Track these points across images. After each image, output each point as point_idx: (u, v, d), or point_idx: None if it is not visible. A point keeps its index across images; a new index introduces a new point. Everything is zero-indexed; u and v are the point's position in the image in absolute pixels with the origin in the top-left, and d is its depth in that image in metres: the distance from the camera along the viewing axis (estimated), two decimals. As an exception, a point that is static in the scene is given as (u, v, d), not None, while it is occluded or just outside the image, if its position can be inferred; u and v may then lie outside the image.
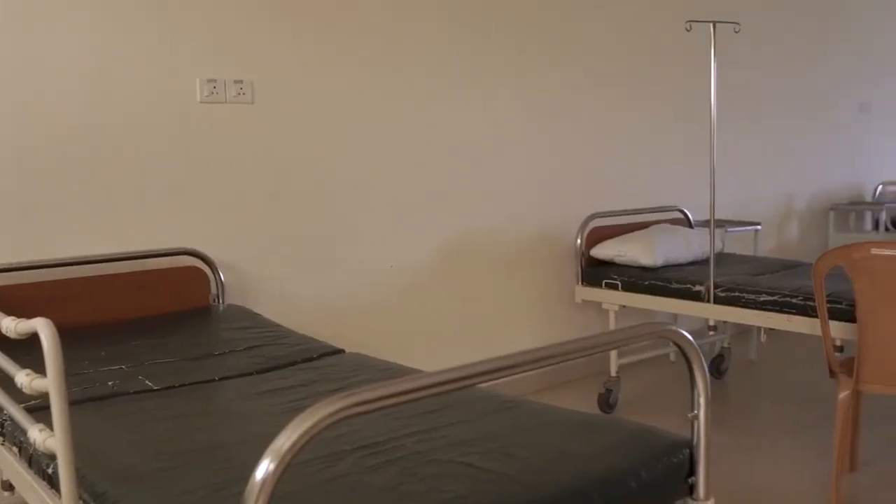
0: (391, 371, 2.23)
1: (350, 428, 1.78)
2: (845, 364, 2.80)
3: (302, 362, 2.36)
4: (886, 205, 5.75)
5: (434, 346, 3.76)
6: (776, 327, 3.23)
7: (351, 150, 3.44)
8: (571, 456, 1.61)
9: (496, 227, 3.95)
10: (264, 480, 1.14)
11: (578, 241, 3.97)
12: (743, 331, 4.88)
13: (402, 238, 3.62)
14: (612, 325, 3.92)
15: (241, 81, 3.10)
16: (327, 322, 3.40)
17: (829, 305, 2.88)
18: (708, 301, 3.44)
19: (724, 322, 4.10)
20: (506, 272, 4.01)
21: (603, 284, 3.87)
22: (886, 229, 5.78)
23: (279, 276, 3.26)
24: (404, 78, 3.57)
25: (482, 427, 1.78)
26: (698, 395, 1.68)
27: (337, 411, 1.18)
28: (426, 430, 1.76)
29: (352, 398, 1.20)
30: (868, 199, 6.24)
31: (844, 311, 2.90)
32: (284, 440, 1.15)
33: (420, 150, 3.65)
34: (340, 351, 2.48)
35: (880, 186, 6.18)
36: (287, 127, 3.25)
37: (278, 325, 2.74)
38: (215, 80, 3.04)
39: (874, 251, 2.58)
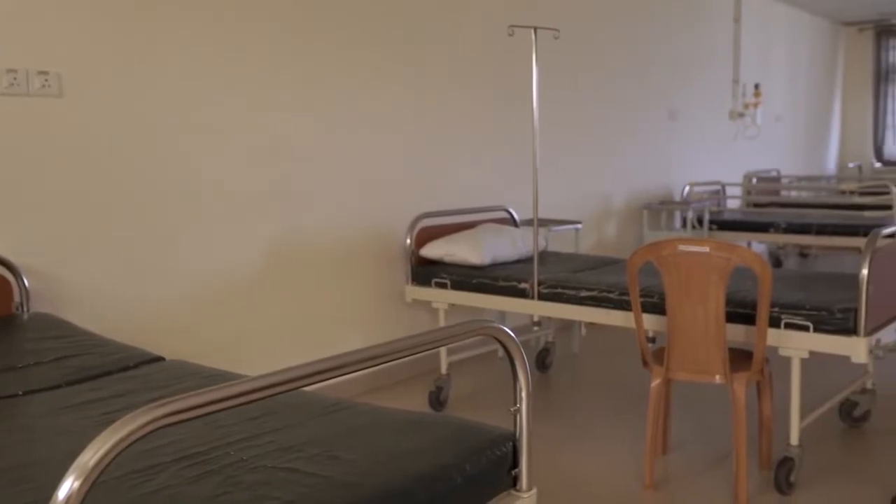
0: (214, 378, 2.15)
1: (171, 438, 1.71)
2: (657, 354, 2.98)
3: (118, 372, 2.24)
4: (693, 204, 6.20)
5: (263, 351, 3.67)
6: (596, 321, 3.39)
7: (172, 147, 3.29)
8: (398, 455, 1.62)
9: (324, 228, 3.91)
10: (68, 499, 1.07)
11: (408, 240, 4.00)
12: (566, 325, 5.10)
13: (227, 239, 3.51)
14: (441, 324, 3.97)
15: (46, 73, 2.89)
16: (147, 329, 3.23)
17: (641, 299, 3.05)
18: (532, 298, 3.56)
19: (549, 318, 4.26)
20: (335, 273, 3.98)
21: (432, 283, 3.92)
22: (693, 227, 6.23)
23: (93, 282, 3.07)
24: (230, 75, 3.46)
25: (308, 431, 1.75)
26: (520, 390, 1.74)
27: (148, 423, 1.12)
28: (251, 437, 1.72)
29: (164, 408, 1.14)
30: (677, 198, 6.71)
31: (656, 304, 3.09)
32: (90, 455, 1.08)
33: (246, 150, 3.55)
34: (160, 359, 2.37)
35: (687, 187, 6.65)
36: (101, 122, 3.07)
37: (92, 333, 2.58)
38: (16, 71, 2.81)
39: (680, 248, 2.75)
